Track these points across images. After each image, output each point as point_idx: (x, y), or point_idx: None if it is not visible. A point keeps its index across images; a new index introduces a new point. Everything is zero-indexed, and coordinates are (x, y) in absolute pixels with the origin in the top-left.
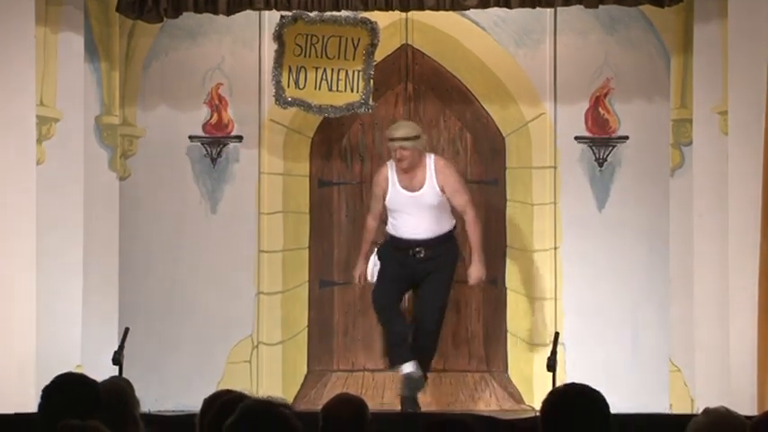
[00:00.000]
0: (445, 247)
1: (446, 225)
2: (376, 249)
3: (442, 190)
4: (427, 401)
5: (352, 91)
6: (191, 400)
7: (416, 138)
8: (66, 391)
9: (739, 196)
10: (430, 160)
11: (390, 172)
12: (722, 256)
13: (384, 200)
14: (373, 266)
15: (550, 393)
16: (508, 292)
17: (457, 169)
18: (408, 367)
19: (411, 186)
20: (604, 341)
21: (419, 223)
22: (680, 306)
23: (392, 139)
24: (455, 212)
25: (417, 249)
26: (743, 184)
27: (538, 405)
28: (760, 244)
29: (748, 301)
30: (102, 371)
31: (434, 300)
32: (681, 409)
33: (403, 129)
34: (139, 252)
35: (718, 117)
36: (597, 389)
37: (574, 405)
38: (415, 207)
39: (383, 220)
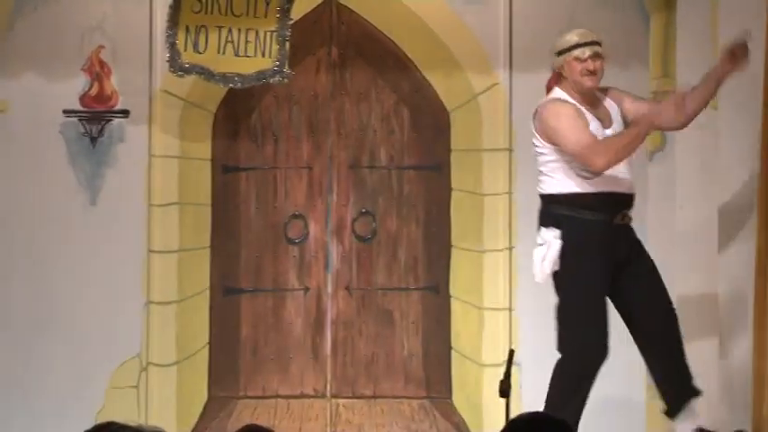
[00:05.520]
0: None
1: None
2: (557, 226)
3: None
4: None
5: (263, 56)
6: None
7: None
8: None
9: (730, 183)
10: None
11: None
12: (708, 253)
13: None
14: (551, 246)
15: (512, 422)
16: (453, 300)
17: None
18: None
19: (603, 121)
20: None
21: (625, 172)
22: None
23: (581, 45)
24: None
25: (625, 211)
26: (735, 170)
27: None
28: (756, 237)
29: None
30: None
31: (665, 297)
32: None
33: (588, 32)
34: (0, 252)
35: None
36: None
37: None
38: None
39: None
